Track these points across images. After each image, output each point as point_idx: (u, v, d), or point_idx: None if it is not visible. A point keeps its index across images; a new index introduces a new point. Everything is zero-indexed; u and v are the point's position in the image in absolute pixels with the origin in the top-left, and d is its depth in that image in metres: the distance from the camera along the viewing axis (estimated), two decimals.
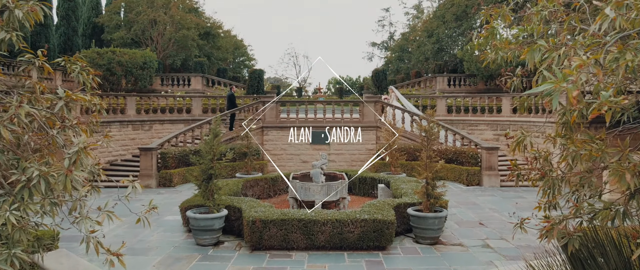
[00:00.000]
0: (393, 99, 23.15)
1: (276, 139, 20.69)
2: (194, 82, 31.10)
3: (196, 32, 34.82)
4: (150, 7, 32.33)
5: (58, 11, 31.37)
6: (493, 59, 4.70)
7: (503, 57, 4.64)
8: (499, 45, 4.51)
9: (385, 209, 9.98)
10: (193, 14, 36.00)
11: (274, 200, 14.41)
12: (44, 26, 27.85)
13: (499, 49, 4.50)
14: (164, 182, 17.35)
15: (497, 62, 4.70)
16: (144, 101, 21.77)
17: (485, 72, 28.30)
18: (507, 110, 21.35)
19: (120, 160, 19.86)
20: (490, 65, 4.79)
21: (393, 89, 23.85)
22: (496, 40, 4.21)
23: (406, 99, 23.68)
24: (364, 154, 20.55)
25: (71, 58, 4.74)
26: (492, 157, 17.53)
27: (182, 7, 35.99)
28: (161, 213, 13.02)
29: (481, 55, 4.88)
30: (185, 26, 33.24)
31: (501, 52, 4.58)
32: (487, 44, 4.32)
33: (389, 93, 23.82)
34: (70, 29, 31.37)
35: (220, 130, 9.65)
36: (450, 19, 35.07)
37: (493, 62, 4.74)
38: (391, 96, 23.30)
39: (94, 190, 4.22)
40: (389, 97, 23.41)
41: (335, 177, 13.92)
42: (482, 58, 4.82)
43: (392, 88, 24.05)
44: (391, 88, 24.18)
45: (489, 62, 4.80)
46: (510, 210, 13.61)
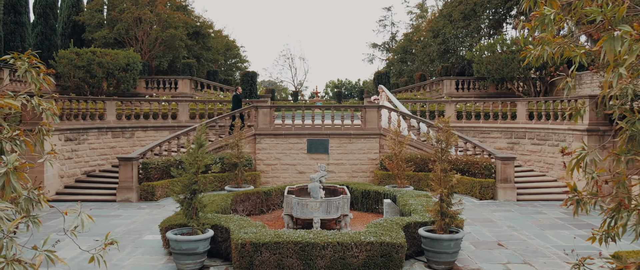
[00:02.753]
0: (383, 99, 22.47)
1: (270, 147, 19.97)
2: (182, 85, 30.38)
3: (184, 31, 34.15)
4: (134, 5, 31.66)
5: (35, 8, 30.65)
6: (537, 56, 3.99)
7: (550, 53, 3.93)
8: (545, 39, 3.80)
9: (394, 230, 9.25)
10: (181, 12, 35.35)
11: (267, 217, 13.68)
12: (19, 25, 27.16)
13: (545, 44, 3.80)
14: (146, 195, 16.60)
15: (543, 59, 3.99)
16: (125, 106, 21.00)
17: (497, 75, 27.66)
18: (522, 116, 20.68)
19: (98, 170, 19.07)
20: (533, 63, 4.09)
21: (383, 88, 23.15)
22: (546, 32, 3.49)
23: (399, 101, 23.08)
24: (366, 164, 19.84)
25: (22, 55, 4.05)
26: (507, 168, 16.84)
27: (170, 4, 35.35)
28: (140, 231, 12.27)
29: (521, 52, 4.18)
30: (172, 25, 32.58)
31: (549, 47, 3.87)
32: (533, 35, 3.61)
33: (379, 93, 23.11)
34: (48, 27, 30.63)
35: (206, 139, 8.91)
36: (458, 17, 34.53)
37: (537, 59, 4.03)
38: (381, 96, 22.59)
39: (32, 223, 3.42)
40: (379, 97, 22.71)
41: (335, 191, 13.20)
42: (523, 55, 4.12)
43: (382, 87, 23.37)
44: (381, 87, 23.49)
45: (531, 59, 4.09)
46: (530, 228, 12.93)
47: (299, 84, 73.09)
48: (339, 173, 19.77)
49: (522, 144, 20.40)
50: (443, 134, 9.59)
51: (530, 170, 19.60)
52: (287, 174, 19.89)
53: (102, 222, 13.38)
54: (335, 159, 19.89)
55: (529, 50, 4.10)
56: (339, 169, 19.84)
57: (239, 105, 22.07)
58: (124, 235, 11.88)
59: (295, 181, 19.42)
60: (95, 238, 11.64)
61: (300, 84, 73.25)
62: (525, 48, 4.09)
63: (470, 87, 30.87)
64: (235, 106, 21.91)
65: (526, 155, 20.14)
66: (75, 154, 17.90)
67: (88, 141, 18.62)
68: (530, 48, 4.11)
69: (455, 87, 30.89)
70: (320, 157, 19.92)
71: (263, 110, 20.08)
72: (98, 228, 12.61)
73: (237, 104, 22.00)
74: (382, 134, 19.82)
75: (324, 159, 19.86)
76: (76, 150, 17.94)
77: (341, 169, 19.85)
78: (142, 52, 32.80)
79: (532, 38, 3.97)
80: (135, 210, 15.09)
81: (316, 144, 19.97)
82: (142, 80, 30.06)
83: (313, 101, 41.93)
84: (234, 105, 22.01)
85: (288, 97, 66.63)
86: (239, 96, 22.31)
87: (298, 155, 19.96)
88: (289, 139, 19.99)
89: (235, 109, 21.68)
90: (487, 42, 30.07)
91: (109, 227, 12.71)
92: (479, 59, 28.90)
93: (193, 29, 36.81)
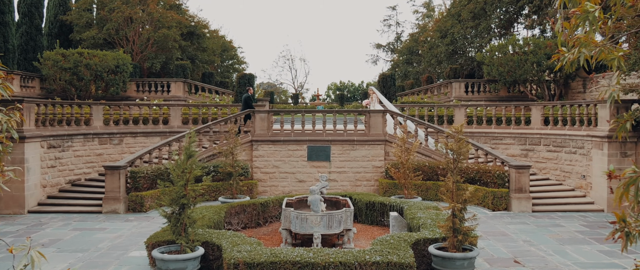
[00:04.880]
0: (375, 102, 22.08)
1: (268, 154, 19.57)
2: (175, 89, 30.00)
3: (178, 31, 33.77)
4: (125, 3, 31.31)
5: (19, 7, 30.30)
6: (572, 60, 3.59)
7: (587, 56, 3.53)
8: (583, 40, 3.41)
9: (401, 248, 8.83)
10: (175, 11, 34.97)
11: (264, 231, 13.30)
12: (3, 24, 26.78)
13: (584, 45, 3.40)
14: (134, 206, 16.21)
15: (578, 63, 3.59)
16: (113, 110, 20.63)
17: (508, 77, 27.25)
18: (537, 121, 20.27)
19: (84, 179, 18.69)
20: (566, 68, 3.69)
21: (374, 90, 22.75)
22: (589, 31, 3.09)
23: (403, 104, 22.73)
24: (371, 172, 19.44)
25: None
26: (522, 177, 16.43)
27: (162, 3, 35.02)
28: (126, 247, 11.86)
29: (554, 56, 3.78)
30: (165, 25, 32.21)
31: (585, 49, 3.47)
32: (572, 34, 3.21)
33: (370, 95, 22.65)
34: (33, 27, 30.25)
35: (197, 147, 8.50)
36: (467, 17, 34.16)
37: (571, 63, 3.63)
38: (372, 99, 22.18)
39: None
40: (370, 101, 22.30)
41: (337, 203, 12.80)
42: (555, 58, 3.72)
43: (373, 89, 22.97)
44: (371, 89, 23.07)
45: (565, 63, 3.69)
46: (548, 242, 12.53)
47: (300, 86, 72.82)
48: (342, 182, 19.37)
49: (537, 150, 19.99)
50: (455, 142, 9.18)
51: (545, 178, 19.19)
52: (286, 182, 19.49)
53: (85, 236, 12.97)
54: (337, 166, 19.49)
55: (563, 53, 3.70)
56: (342, 178, 19.43)
57: (250, 107, 21.76)
58: (108, 251, 11.47)
59: (294, 190, 19.02)
60: (77, 254, 11.25)
61: (301, 86, 72.97)
62: (558, 51, 3.69)
63: (480, 90, 30.47)
64: (246, 108, 21.62)
65: (541, 162, 19.73)
66: (59, 162, 17.51)
67: (73, 148, 18.23)
68: (563, 50, 3.71)
69: (464, 90, 30.48)
70: (322, 164, 19.52)
71: (260, 115, 19.70)
72: (79, 243, 12.21)
73: (247, 106, 21.61)
74: (388, 140, 19.43)
75: (326, 166, 19.46)
76: (60, 158, 17.55)
77: (344, 177, 19.45)
78: (134, 53, 32.45)
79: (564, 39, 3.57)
80: (122, 222, 14.69)
81: (317, 150, 19.57)
82: (133, 83, 29.69)
83: (314, 104, 41.52)
84: (243, 107, 21.70)
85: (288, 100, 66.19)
86: (250, 98, 22.03)
87: (298, 163, 19.56)
88: (288, 146, 19.61)
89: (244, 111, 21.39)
90: (498, 42, 29.65)
91: (93, 242, 12.30)
92: (489, 60, 28.49)
93: (187, 29, 36.44)
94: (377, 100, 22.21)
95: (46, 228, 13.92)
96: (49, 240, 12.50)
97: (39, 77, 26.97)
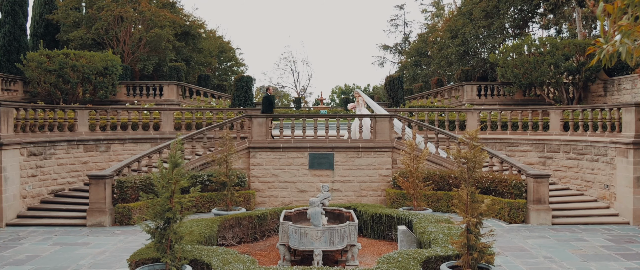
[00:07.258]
0: (361, 106, 21.74)
1: (266, 162, 19.19)
2: (168, 92, 29.68)
3: (172, 31, 33.53)
4: (115, 1, 31.12)
5: (2, 6, 30.06)
6: (611, 52, 3.21)
7: (630, 49, 3.14)
8: (626, 28, 3.03)
9: (411, 267, 8.44)
10: (168, 10, 34.76)
11: (260, 246, 12.93)
12: None
13: (626, 35, 3.02)
14: (121, 218, 15.85)
15: (619, 55, 3.21)
16: (99, 115, 20.27)
17: (524, 80, 26.86)
18: (556, 127, 19.84)
19: (67, 189, 18.33)
20: (604, 62, 3.31)
21: (360, 93, 22.46)
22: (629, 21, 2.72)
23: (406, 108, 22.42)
24: (377, 181, 19.04)
25: None
26: (541, 187, 16.01)
27: (155, 1, 34.82)
28: (109, 264, 11.50)
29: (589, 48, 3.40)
30: (158, 24, 31.97)
31: (628, 39, 3.09)
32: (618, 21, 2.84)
33: (356, 98, 22.37)
34: (17, 27, 29.99)
35: (182, 158, 8.14)
36: (479, 16, 33.81)
37: (610, 57, 3.25)
38: (358, 103, 21.87)
39: None
40: (355, 104, 21.99)
41: (340, 216, 12.44)
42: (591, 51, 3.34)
43: (359, 92, 22.69)
44: (357, 92, 22.83)
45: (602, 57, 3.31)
46: (571, 258, 12.12)
47: (302, 89, 72.45)
48: (346, 192, 18.97)
49: (556, 158, 19.56)
50: (470, 150, 8.78)
51: (565, 188, 18.76)
52: (286, 192, 19.10)
53: (65, 252, 12.60)
54: (341, 175, 19.10)
55: (600, 44, 3.31)
56: (346, 187, 19.03)
57: (270, 108, 21.92)
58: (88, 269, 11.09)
59: (295, 201, 18.64)
60: None
61: (303, 90, 72.59)
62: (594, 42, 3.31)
63: (494, 93, 30.10)
64: (266, 109, 21.68)
65: (560, 171, 19.30)
66: (40, 170, 17.17)
67: (56, 156, 17.89)
68: (601, 42, 3.32)
69: (477, 94, 30.11)
70: (324, 173, 19.13)
71: (258, 120, 19.34)
72: (59, 260, 11.85)
73: (267, 107, 21.85)
74: (395, 147, 19.04)
75: (329, 175, 19.07)
76: (41, 166, 17.21)
77: (348, 187, 19.05)
78: (125, 54, 32.21)
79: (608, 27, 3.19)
80: (107, 236, 14.33)
81: (319, 158, 19.19)
82: (123, 86, 29.40)
83: (317, 108, 41.21)
84: (263, 108, 21.81)
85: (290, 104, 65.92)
86: (270, 98, 22.35)
87: (298, 172, 19.18)
88: (288, 153, 19.23)
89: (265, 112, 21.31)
90: (513, 42, 29.27)
91: (73, 259, 11.93)
92: (503, 61, 28.12)
93: (182, 28, 36.18)
94: (364, 103, 21.86)
95: (24, 243, 13.56)
96: (25, 257, 12.14)
97: (22, 80, 26.71)
